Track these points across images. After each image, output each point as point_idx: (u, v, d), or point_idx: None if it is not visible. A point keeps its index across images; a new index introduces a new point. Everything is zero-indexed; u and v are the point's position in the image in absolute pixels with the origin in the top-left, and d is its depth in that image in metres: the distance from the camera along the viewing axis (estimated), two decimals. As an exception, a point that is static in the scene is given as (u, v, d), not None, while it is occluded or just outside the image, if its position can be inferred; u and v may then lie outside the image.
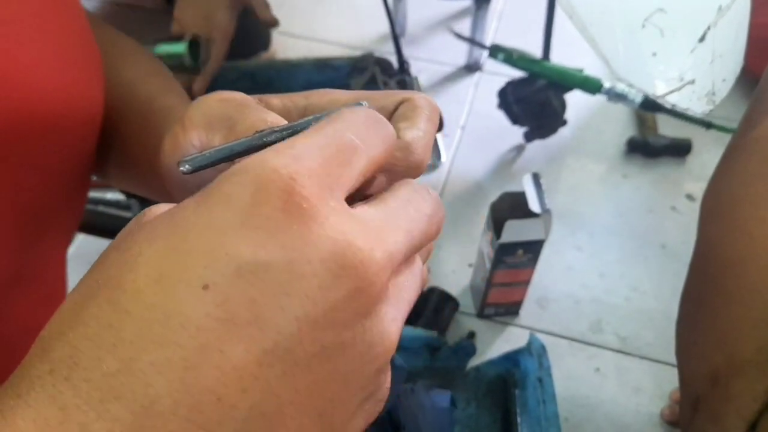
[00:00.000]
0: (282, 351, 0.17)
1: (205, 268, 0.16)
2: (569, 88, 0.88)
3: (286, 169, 0.18)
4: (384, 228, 0.19)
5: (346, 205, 0.19)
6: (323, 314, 0.17)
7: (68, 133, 0.35)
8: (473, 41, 1.00)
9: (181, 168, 0.22)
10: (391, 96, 0.27)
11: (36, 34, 0.33)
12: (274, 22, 0.91)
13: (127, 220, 0.20)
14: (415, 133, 0.26)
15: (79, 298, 0.18)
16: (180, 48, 0.85)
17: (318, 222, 0.17)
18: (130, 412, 0.16)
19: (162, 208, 0.20)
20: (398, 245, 0.19)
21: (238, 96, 0.28)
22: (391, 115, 0.27)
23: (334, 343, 0.17)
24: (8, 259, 0.34)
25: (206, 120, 0.28)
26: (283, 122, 0.26)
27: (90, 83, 0.37)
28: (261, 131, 0.23)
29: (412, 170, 0.25)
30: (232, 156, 0.23)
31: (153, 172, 0.35)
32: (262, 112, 0.27)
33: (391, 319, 0.19)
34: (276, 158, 0.18)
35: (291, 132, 0.23)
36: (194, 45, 0.86)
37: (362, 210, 0.20)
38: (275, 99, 0.29)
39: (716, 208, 0.40)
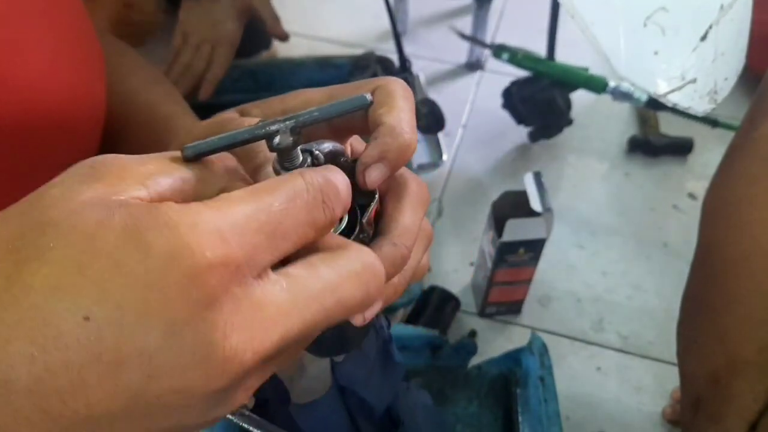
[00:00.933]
0: (130, 394, 0.18)
1: (95, 303, 0.18)
2: (574, 87, 0.87)
3: (210, 253, 0.18)
4: (276, 320, 0.19)
5: (252, 287, 0.19)
6: (177, 385, 0.18)
7: (72, 131, 0.36)
8: (477, 41, 1.00)
9: (184, 154, 0.22)
10: (364, 86, 0.28)
11: (39, 32, 0.33)
12: (285, 36, 0.91)
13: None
14: (396, 114, 0.26)
15: None
16: None
17: (211, 309, 0.18)
18: None
19: (104, 169, 0.20)
20: (283, 338, 0.20)
21: (223, 116, 0.30)
22: None
23: (178, 405, 0.19)
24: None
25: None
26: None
27: (93, 81, 0.38)
28: (263, 121, 0.23)
29: (403, 151, 0.26)
30: (234, 144, 0.23)
31: None
32: (242, 122, 0.28)
33: (244, 389, 0.20)
34: (207, 233, 0.18)
35: (293, 122, 0.23)
36: None
37: (270, 289, 0.20)
38: (255, 109, 0.30)
39: (718, 209, 0.40)
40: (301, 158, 0.24)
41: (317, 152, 0.25)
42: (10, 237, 0.19)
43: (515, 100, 0.88)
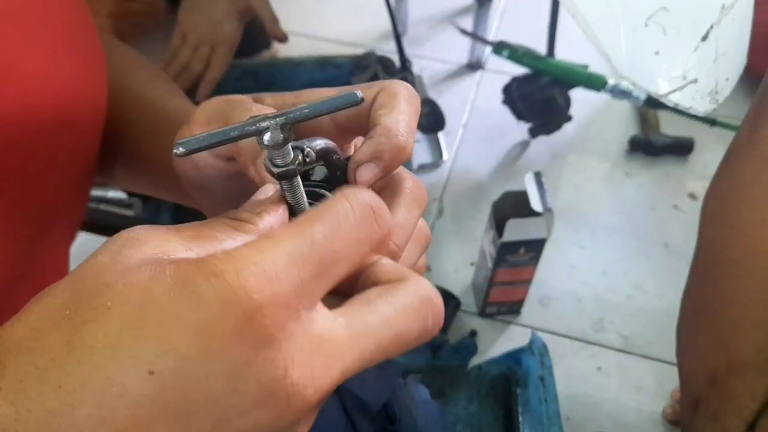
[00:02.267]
0: None
1: (157, 356, 0.18)
2: (573, 85, 0.87)
3: (257, 295, 0.18)
4: (336, 357, 0.20)
5: (309, 323, 0.20)
6: (246, 426, 0.19)
7: (74, 128, 0.36)
8: (478, 37, 1.00)
9: (175, 151, 0.22)
10: (370, 87, 0.28)
11: (41, 29, 0.33)
12: (284, 37, 0.91)
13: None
14: (394, 116, 0.26)
15: (47, 314, 0.19)
16: None
17: (269, 348, 0.19)
18: None
19: (148, 235, 0.20)
20: (343, 374, 0.20)
21: (236, 96, 0.30)
22: (370, 105, 0.27)
23: None
24: (12, 254, 0.34)
25: (206, 117, 0.30)
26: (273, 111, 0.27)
27: (95, 77, 0.38)
28: (255, 116, 0.23)
29: (398, 154, 0.26)
30: (226, 140, 0.23)
31: (169, 171, 0.37)
32: (254, 106, 0.28)
33: (305, 423, 0.21)
34: (252, 277, 0.19)
35: (284, 118, 0.23)
36: None
37: (328, 325, 0.20)
38: (269, 98, 0.30)
39: (717, 210, 0.41)
40: (292, 155, 0.24)
41: (308, 149, 0.25)
42: (65, 304, 0.19)
43: (515, 97, 0.88)
